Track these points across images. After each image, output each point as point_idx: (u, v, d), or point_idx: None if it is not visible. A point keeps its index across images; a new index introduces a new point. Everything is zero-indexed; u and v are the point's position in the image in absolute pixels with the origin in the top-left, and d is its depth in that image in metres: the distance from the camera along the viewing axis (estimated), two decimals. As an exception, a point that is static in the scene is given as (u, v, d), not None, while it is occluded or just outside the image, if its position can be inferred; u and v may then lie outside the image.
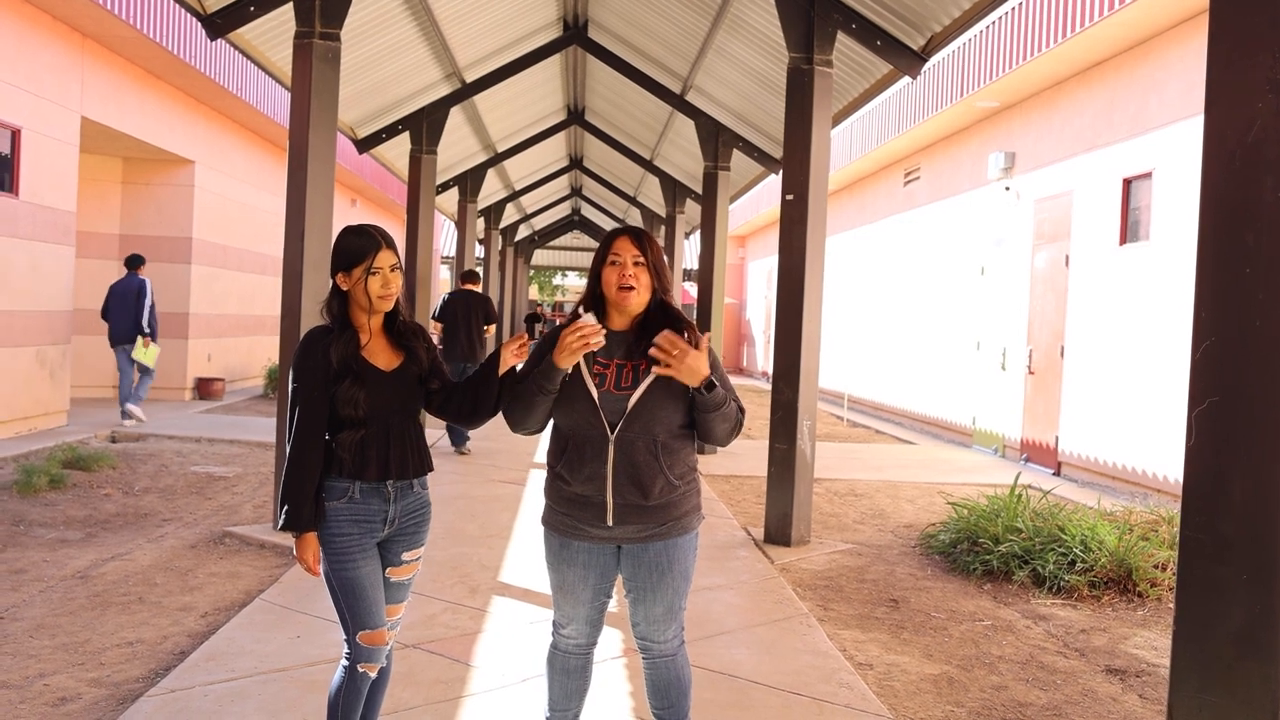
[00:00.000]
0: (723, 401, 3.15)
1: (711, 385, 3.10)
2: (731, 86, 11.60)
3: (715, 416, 3.16)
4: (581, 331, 3.05)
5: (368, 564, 3.26)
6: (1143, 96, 10.35)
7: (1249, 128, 2.52)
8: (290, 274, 7.09)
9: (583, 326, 3.06)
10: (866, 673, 4.97)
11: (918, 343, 16.56)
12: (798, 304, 7.52)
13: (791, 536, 7.47)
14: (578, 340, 3.05)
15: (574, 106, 16.73)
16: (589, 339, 3.06)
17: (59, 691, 4.35)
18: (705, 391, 3.10)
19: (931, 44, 7.56)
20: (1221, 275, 2.58)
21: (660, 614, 3.30)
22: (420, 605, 5.59)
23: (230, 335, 17.45)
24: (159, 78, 13.85)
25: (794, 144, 7.60)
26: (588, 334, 3.06)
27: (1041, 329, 12.37)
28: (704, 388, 3.10)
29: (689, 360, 3.03)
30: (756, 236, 30.78)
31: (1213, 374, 2.59)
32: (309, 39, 7.15)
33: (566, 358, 3.08)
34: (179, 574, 6.30)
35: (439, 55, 11.44)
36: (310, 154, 7.11)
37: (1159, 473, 9.70)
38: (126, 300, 12.41)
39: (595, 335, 3.06)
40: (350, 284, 3.24)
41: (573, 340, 3.05)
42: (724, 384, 3.26)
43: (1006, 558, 6.75)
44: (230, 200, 17.09)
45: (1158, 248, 9.92)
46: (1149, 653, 5.45)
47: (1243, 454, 2.52)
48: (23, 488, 8.25)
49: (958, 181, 15.15)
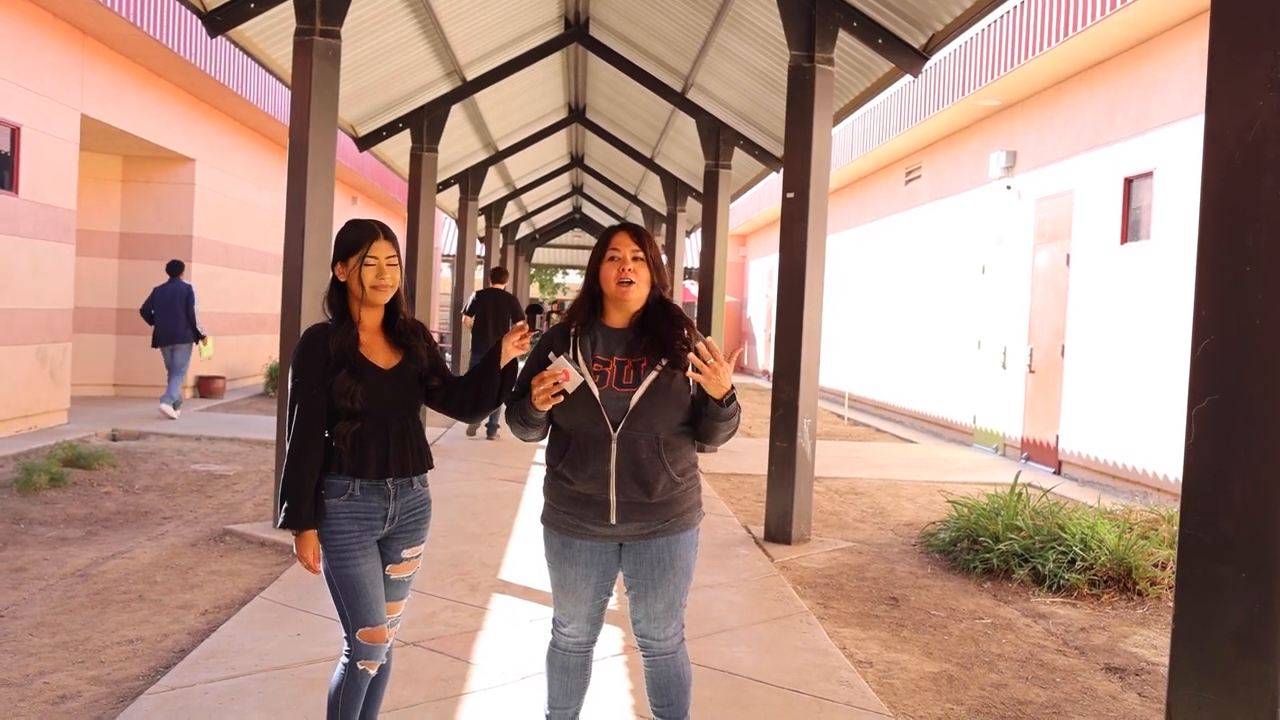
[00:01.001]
0: (734, 413, 3.18)
1: (731, 399, 3.13)
2: (733, 85, 11.60)
3: (723, 424, 3.19)
4: (544, 386, 3.06)
5: (368, 561, 3.26)
6: (1144, 96, 10.35)
7: (1249, 127, 2.52)
8: (290, 271, 7.09)
9: (549, 376, 3.06)
10: (866, 670, 4.98)
11: (918, 341, 16.56)
12: (798, 302, 7.52)
13: (792, 534, 7.48)
14: (543, 394, 3.06)
15: (575, 104, 16.72)
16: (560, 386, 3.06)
17: (59, 689, 4.35)
18: (724, 405, 3.13)
19: (933, 42, 7.55)
20: (1221, 274, 2.58)
21: (661, 611, 3.30)
22: (420, 603, 5.60)
23: (231, 333, 17.45)
24: (159, 75, 13.85)
25: (795, 142, 7.60)
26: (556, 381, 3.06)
27: (1042, 328, 12.36)
28: (724, 400, 3.12)
29: (722, 372, 3.05)
30: (758, 235, 30.76)
31: (1212, 372, 2.59)
32: (309, 36, 7.15)
33: (541, 404, 3.10)
34: (179, 572, 6.30)
35: (439, 53, 11.43)
36: (310, 152, 7.10)
37: (1159, 472, 9.70)
38: (174, 304, 13.10)
39: (565, 382, 3.06)
40: (347, 274, 3.25)
41: (540, 393, 3.07)
42: None
43: (1006, 556, 6.75)
44: (231, 198, 17.09)
45: (1159, 247, 9.92)
46: (1148, 651, 5.45)
47: (1242, 452, 2.52)
48: (23, 486, 8.25)
49: (959, 180, 15.14)
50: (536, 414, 3.17)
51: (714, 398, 3.11)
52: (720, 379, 3.05)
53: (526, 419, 3.20)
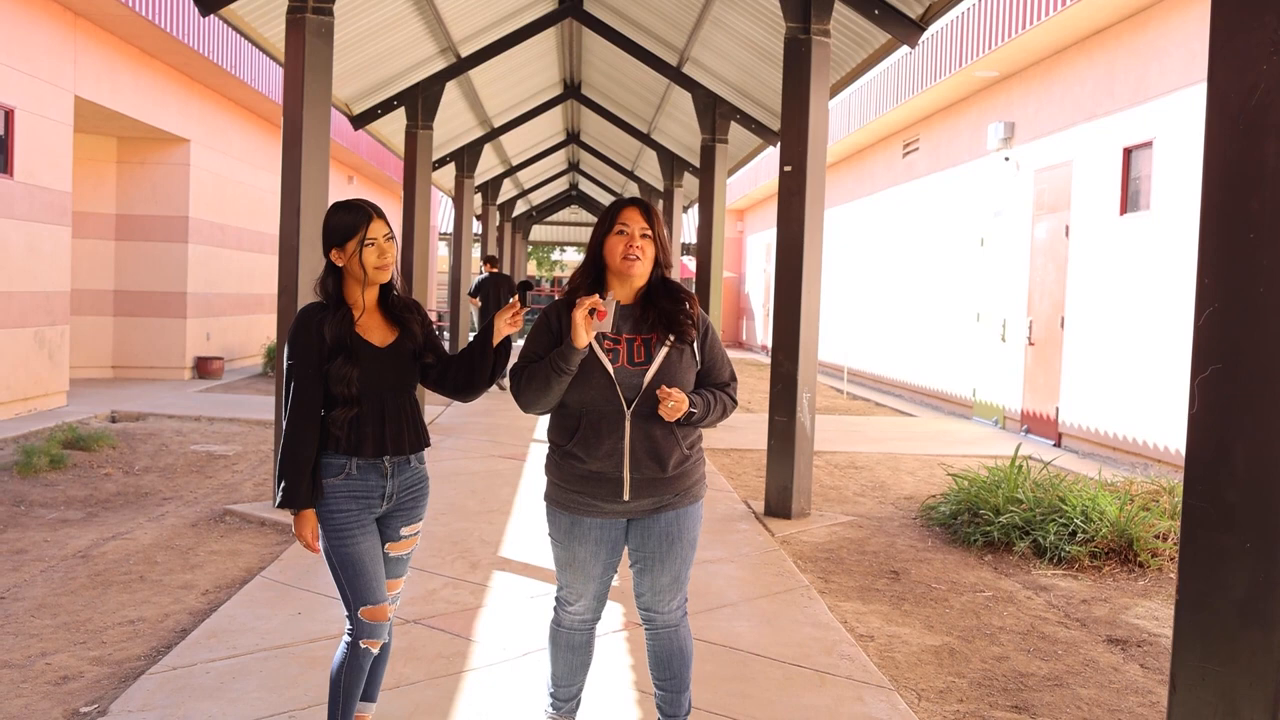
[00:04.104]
0: (705, 415, 3.25)
1: (690, 415, 3.19)
2: (729, 58, 11.52)
3: (704, 425, 3.30)
4: (586, 306, 3.07)
5: (367, 540, 3.25)
6: (1143, 65, 10.28)
7: (1253, 92, 2.48)
8: (286, 251, 7.05)
9: (590, 302, 3.07)
10: (867, 644, 4.98)
11: (917, 315, 16.53)
12: (797, 277, 7.49)
13: (792, 509, 7.48)
14: (583, 313, 3.07)
15: (570, 80, 16.62)
16: (595, 308, 3.08)
17: (61, 670, 4.35)
18: (687, 422, 3.22)
19: (930, 12, 7.49)
20: (1225, 241, 2.56)
21: (667, 584, 3.31)
22: (421, 581, 5.60)
23: (228, 314, 17.42)
24: (152, 56, 13.75)
25: (792, 115, 7.55)
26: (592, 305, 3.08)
27: (1041, 300, 12.33)
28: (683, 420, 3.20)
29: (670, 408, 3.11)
30: (755, 210, 30.68)
31: (1215, 341, 2.56)
32: (302, 14, 7.08)
33: (581, 335, 3.09)
34: (180, 552, 6.30)
35: (433, 30, 11.35)
36: (305, 131, 7.05)
37: (1160, 443, 9.70)
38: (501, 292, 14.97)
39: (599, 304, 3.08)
40: (345, 258, 3.22)
41: (579, 315, 3.07)
42: (720, 361, 3.38)
43: (1007, 529, 6.75)
44: (226, 179, 17.01)
45: (1159, 217, 9.88)
46: (1150, 623, 5.46)
47: (1246, 421, 2.50)
48: (23, 468, 8.25)
49: (957, 152, 15.08)
50: (571, 363, 3.12)
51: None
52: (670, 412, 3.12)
53: (558, 370, 3.13)
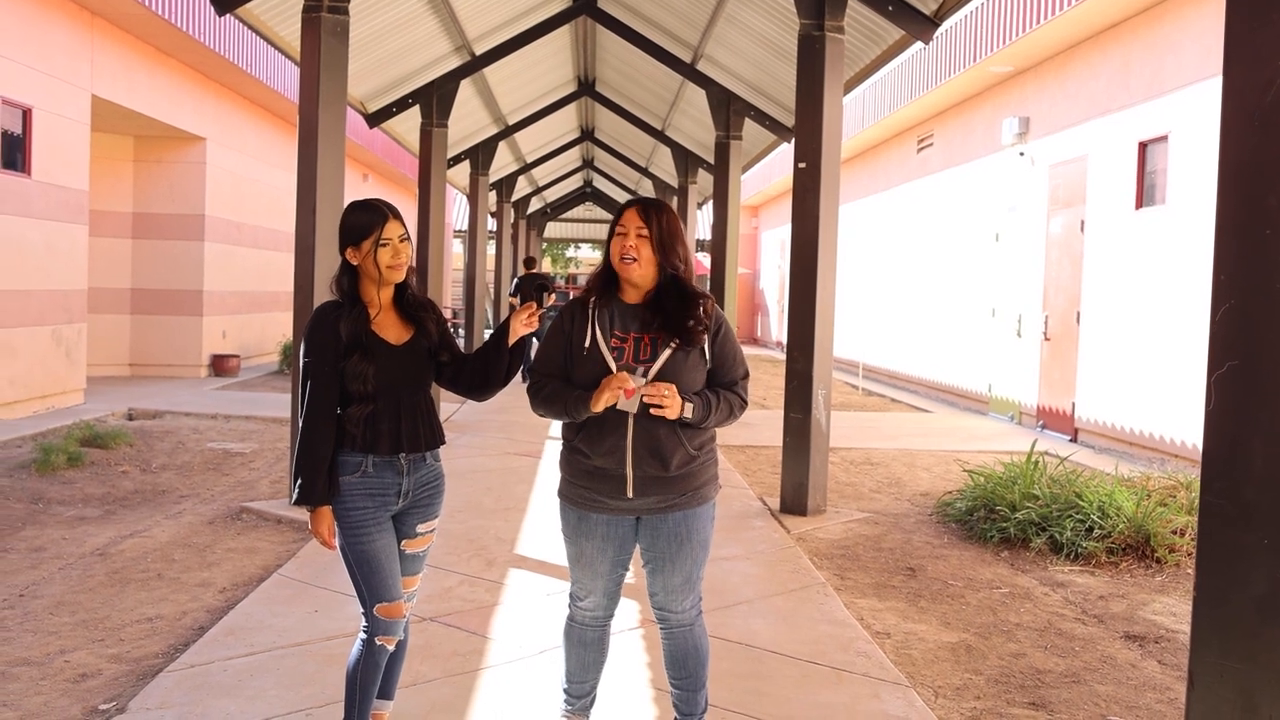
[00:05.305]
0: (707, 416, 3.21)
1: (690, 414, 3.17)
2: (742, 55, 11.50)
3: (710, 425, 3.26)
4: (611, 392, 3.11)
5: (383, 537, 3.27)
6: (1159, 59, 10.22)
7: (1268, 88, 2.47)
8: (302, 249, 7.08)
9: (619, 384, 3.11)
10: (884, 641, 4.97)
11: (933, 310, 16.48)
12: (811, 273, 7.48)
13: (808, 506, 7.47)
14: (611, 393, 3.11)
15: (584, 78, 16.62)
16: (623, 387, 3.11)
17: (79, 668, 4.39)
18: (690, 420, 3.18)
19: (944, 8, 7.46)
20: (1241, 238, 2.54)
21: (678, 584, 3.31)
22: (437, 578, 5.61)
23: (244, 312, 17.49)
24: (169, 55, 13.82)
25: (806, 112, 7.54)
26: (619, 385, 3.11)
27: (1057, 295, 12.28)
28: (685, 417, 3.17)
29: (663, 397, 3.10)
30: (769, 206, 30.63)
31: (1232, 337, 2.55)
32: (317, 13, 7.10)
33: (601, 403, 3.13)
34: (197, 550, 6.33)
35: (448, 28, 11.36)
36: (320, 129, 7.07)
37: (1177, 438, 9.65)
38: None
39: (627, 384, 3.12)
40: (360, 257, 3.24)
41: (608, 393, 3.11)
42: (731, 359, 3.33)
43: (1024, 525, 6.73)
44: (242, 177, 17.09)
45: (1174, 211, 9.82)
46: (1168, 619, 5.43)
47: (1263, 418, 2.49)
48: (41, 466, 8.30)
49: (971, 148, 15.02)
50: (581, 417, 3.19)
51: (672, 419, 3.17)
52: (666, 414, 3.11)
53: (570, 416, 3.22)
